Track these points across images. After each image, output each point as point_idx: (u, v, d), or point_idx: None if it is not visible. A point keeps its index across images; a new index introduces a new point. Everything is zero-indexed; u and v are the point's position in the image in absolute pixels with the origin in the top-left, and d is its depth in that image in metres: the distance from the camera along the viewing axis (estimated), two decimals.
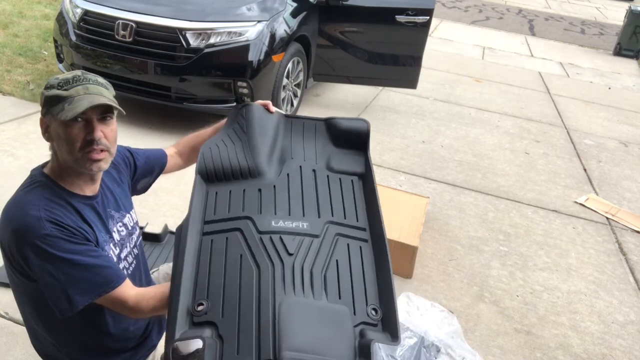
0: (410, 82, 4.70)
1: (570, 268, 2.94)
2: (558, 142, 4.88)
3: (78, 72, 1.24)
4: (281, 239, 1.24)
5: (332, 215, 1.36)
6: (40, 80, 4.45)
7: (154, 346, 1.58)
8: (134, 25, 3.63)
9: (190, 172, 1.76)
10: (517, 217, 3.42)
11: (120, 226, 1.40)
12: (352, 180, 1.50)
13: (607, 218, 3.56)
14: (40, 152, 3.34)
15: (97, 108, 1.21)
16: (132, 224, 1.47)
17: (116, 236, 1.37)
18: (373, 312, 1.15)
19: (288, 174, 1.47)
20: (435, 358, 1.89)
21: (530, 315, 2.52)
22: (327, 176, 1.49)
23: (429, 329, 2.08)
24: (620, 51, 9.41)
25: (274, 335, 1.05)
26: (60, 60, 4.16)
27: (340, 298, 1.16)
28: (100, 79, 1.27)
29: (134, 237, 1.48)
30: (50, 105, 1.20)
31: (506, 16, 12.41)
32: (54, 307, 1.19)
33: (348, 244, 1.29)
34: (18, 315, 2.06)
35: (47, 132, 1.25)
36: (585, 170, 4.32)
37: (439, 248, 2.94)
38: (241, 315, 1.10)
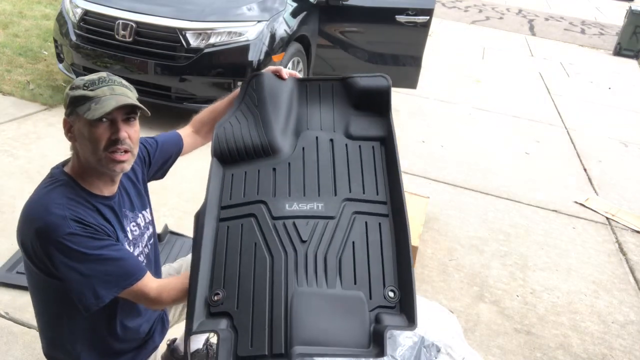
0: (410, 82, 4.70)
1: (570, 268, 2.94)
2: (558, 142, 4.88)
3: (103, 74, 1.25)
4: (295, 225, 1.23)
5: (350, 192, 1.31)
6: (40, 80, 4.45)
7: (156, 347, 1.59)
8: (134, 25, 3.63)
9: (190, 170, 1.75)
10: (517, 217, 3.42)
11: (133, 226, 1.42)
12: (372, 147, 1.42)
13: (607, 218, 3.56)
14: (40, 152, 3.36)
15: (122, 109, 1.23)
16: (144, 223, 1.48)
17: (130, 235, 1.40)
18: (391, 294, 1.13)
19: (303, 148, 1.41)
20: (435, 358, 1.89)
21: (530, 315, 2.52)
22: (346, 145, 1.42)
23: (429, 329, 2.07)
24: (620, 51, 9.41)
25: (285, 328, 1.06)
26: (61, 60, 4.16)
27: (355, 283, 1.14)
28: (125, 81, 1.28)
29: (146, 236, 1.49)
30: (76, 104, 1.21)
31: (506, 16, 12.41)
32: (79, 304, 1.21)
33: (366, 222, 1.25)
34: (18, 315, 2.07)
35: (70, 132, 1.26)
36: (585, 170, 4.32)
37: (439, 248, 2.94)
38: (255, 307, 1.11)
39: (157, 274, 1.56)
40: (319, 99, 1.53)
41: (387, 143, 1.42)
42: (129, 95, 1.25)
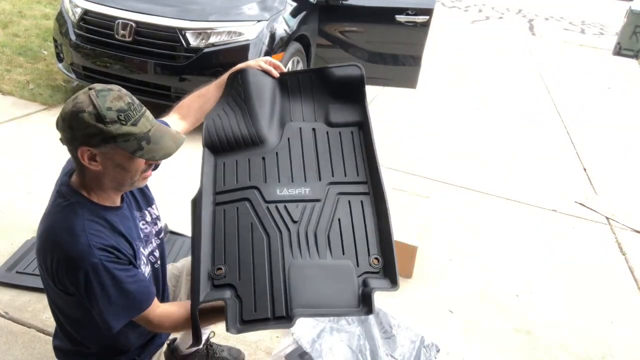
0: (410, 82, 4.69)
1: (570, 268, 2.94)
2: (558, 142, 4.88)
3: (127, 98, 1.18)
4: (286, 207, 1.37)
5: (333, 176, 1.45)
6: (39, 80, 4.45)
7: (163, 343, 1.60)
8: (133, 24, 3.62)
9: (186, 171, 1.75)
10: (517, 217, 3.42)
11: (143, 224, 1.44)
12: (352, 132, 1.55)
13: (607, 218, 3.56)
14: (39, 152, 3.35)
15: None
16: (151, 219, 1.49)
17: (141, 234, 1.42)
18: (375, 261, 1.28)
19: (289, 139, 1.54)
20: (435, 358, 1.89)
21: (530, 315, 2.52)
22: (327, 132, 1.56)
23: (429, 329, 2.08)
24: (620, 51, 9.41)
25: (285, 295, 1.20)
26: (60, 60, 4.16)
27: (344, 254, 1.29)
28: (136, 99, 1.24)
29: (155, 230, 1.51)
30: (117, 140, 1.15)
31: (506, 16, 12.41)
32: (102, 326, 1.28)
33: (349, 201, 1.40)
34: (18, 315, 2.07)
35: (94, 160, 1.19)
36: (585, 170, 4.31)
37: (439, 248, 2.94)
38: (256, 278, 1.24)
39: (164, 270, 1.58)
40: (299, 90, 1.65)
41: (364, 127, 1.55)
42: (153, 118, 1.26)
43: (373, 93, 5.40)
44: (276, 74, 1.61)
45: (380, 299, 2.10)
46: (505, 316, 2.49)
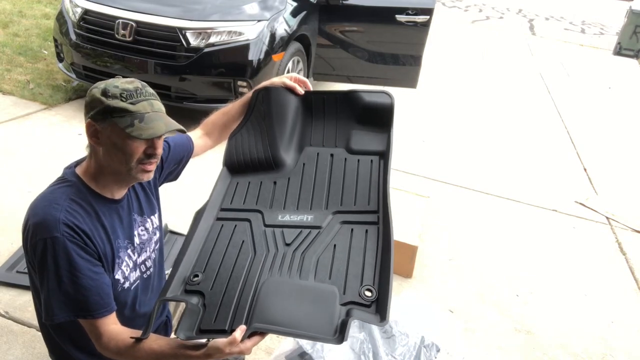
0: (410, 81, 4.70)
1: (571, 268, 2.94)
2: (558, 141, 4.88)
3: (137, 83, 1.23)
4: (282, 232, 1.32)
5: (341, 205, 1.38)
6: (40, 80, 4.45)
7: None
8: (134, 24, 3.63)
9: (189, 175, 1.76)
10: (517, 217, 3.42)
11: (142, 230, 1.41)
12: (371, 161, 1.48)
13: (607, 218, 3.56)
14: (39, 151, 3.35)
15: None
16: (152, 228, 1.47)
17: (137, 240, 1.38)
18: (367, 293, 1.15)
19: (304, 164, 1.51)
20: (435, 358, 1.89)
21: (530, 315, 2.52)
22: (345, 159, 1.50)
23: (429, 329, 2.07)
24: (620, 51, 9.41)
25: (249, 309, 1.15)
26: (60, 60, 4.16)
27: (330, 278, 1.19)
28: (152, 90, 1.27)
29: (153, 241, 1.48)
30: (113, 115, 1.19)
31: (506, 16, 12.40)
32: (43, 312, 1.21)
33: (352, 229, 1.31)
34: (18, 315, 2.07)
35: (96, 137, 1.23)
36: (585, 170, 4.31)
37: (439, 248, 2.94)
38: (227, 290, 1.21)
39: (161, 278, 1.55)
40: (323, 112, 1.60)
41: (384, 157, 1.48)
42: (164, 110, 1.27)
43: None
44: (301, 91, 1.58)
45: None
46: (505, 316, 2.49)
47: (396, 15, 4.31)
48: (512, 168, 4.14)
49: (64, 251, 1.16)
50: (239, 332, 1.09)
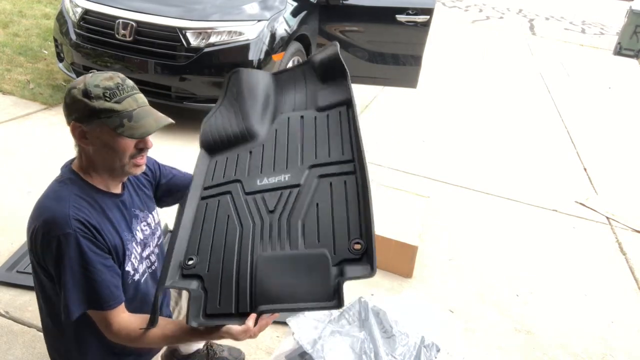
0: (410, 81, 4.70)
1: (571, 268, 2.94)
2: (558, 141, 4.88)
3: (117, 79, 1.23)
4: (263, 197, 1.34)
5: (316, 157, 1.40)
6: (40, 80, 4.45)
7: (161, 347, 1.58)
8: (134, 24, 3.62)
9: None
10: (517, 216, 3.42)
11: (144, 225, 1.43)
12: (339, 112, 1.51)
13: (607, 218, 3.56)
14: (40, 151, 3.35)
15: None
16: (154, 224, 1.49)
17: (140, 235, 1.40)
18: (357, 246, 1.16)
19: (276, 130, 1.54)
20: (435, 358, 1.89)
21: (530, 315, 2.52)
22: (315, 117, 1.53)
23: (429, 329, 2.07)
24: (620, 51, 9.42)
25: (250, 290, 1.16)
26: (61, 60, 4.16)
27: (319, 241, 1.20)
28: (131, 82, 1.27)
29: (156, 236, 1.51)
30: (100, 116, 1.19)
31: (506, 15, 12.40)
32: (61, 309, 1.22)
33: (331, 183, 1.32)
34: (18, 315, 2.07)
35: (84, 137, 1.23)
36: (585, 170, 4.31)
37: (438, 248, 2.94)
38: (224, 270, 1.21)
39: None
40: (293, 84, 1.66)
41: (350, 105, 1.50)
42: (147, 101, 1.28)
43: (373, 93, 5.40)
44: None
45: (381, 299, 2.11)
46: (505, 316, 2.49)
47: (396, 15, 4.31)
48: (512, 168, 4.14)
49: (77, 246, 1.18)
50: (251, 320, 1.13)
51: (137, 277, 1.37)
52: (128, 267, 1.32)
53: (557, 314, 2.55)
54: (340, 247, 1.17)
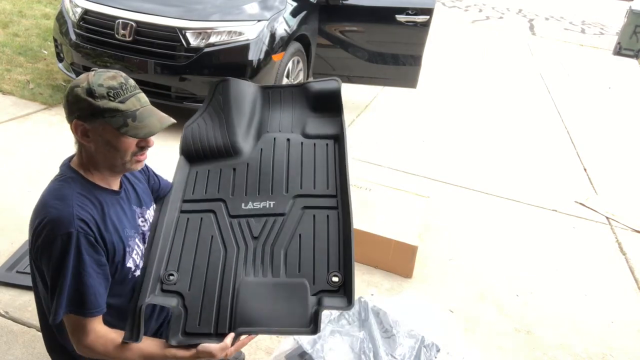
0: (410, 81, 4.70)
1: (571, 268, 2.94)
2: (558, 141, 4.88)
3: (120, 78, 1.22)
4: (248, 222, 1.36)
5: (301, 188, 1.43)
6: (40, 80, 4.45)
7: None
8: (134, 24, 3.62)
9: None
10: (517, 216, 3.42)
11: (142, 221, 1.43)
12: (327, 144, 1.53)
13: (607, 218, 3.56)
14: (40, 151, 3.35)
15: None
16: (151, 220, 1.49)
17: (139, 230, 1.41)
18: (335, 279, 1.22)
19: (261, 149, 1.54)
20: (435, 358, 1.89)
21: (530, 315, 2.52)
22: (301, 143, 1.54)
23: (429, 329, 2.07)
24: (620, 51, 9.42)
25: (231, 312, 1.19)
26: (60, 60, 4.16)
27: (299, 271, 1.25)
28: (133, 81, 1.27)
29: None
30: (104, 115, 1.19)
31: (506, 16, 12.41)
32: (48, 313, 1.22)
33: (314, 215, 1.36)
34: (18, 315, 2.07)
35: (86, 135, 1.23)
36: (585, 170, 4.31)
37: (439, 248, 2.94)
38: (205, 292, 1.23)
39: None
40: (280, 104, 1.66)
41: (339, 140, 1.53)
42: (148, 101, 1.28)
43: (373, 93, 5.40)
44: None
45: (381, 299, 2.11)
46: (505, 316, 2.49)
47: (396, 15, 4.31)
48: (512, 168, 4.14)
49: (77, 247, 1.18)
50: (229, 339, 1.16)
51: (137, 273, 1.36)
52: (129, 264, 1.32)
53: (557, 314, 2.55)
54: (319, 278, 1.22)
